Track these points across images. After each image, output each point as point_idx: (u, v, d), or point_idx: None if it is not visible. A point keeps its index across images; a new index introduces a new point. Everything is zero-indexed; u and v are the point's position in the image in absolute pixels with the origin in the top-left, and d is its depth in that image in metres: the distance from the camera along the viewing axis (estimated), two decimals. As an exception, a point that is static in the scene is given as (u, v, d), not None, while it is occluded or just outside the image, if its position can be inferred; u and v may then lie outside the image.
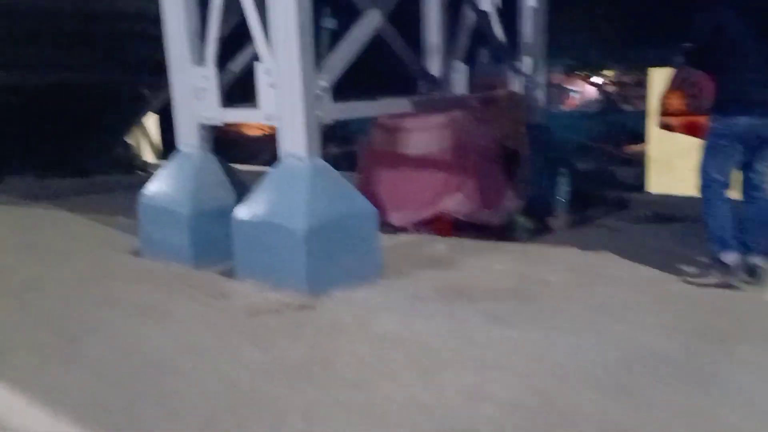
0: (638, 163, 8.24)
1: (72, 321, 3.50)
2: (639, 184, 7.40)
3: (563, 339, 3.14)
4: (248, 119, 4.35)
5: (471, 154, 5.44)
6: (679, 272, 3.99)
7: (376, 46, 5.45)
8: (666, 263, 4.23)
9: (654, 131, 5.00)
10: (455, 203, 5.40)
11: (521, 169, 5.69)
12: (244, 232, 4.04)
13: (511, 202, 5.48)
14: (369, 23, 4.55)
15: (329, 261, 3.87)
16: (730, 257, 3.70)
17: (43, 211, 6.63)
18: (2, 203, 7.05)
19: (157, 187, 4.66)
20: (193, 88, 4.54)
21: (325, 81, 4.15)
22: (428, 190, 5.55)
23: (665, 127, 4.25)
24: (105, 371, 2.93)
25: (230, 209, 4.17)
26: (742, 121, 3.62)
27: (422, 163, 5.58)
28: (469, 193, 5.43)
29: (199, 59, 4.52)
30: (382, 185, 5.72)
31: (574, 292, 3.83)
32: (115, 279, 4.18)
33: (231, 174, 4.67)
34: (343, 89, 4.31)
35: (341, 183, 4.11)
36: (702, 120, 3.87)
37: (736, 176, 3.80)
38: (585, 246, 4.88)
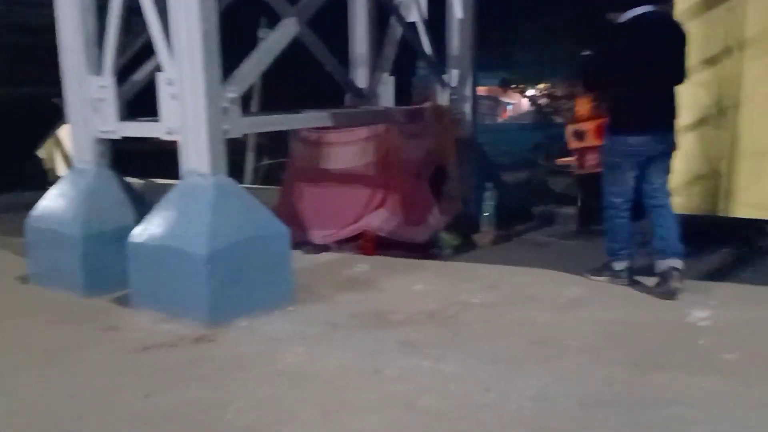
0: (569, 175, 8.23)
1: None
2: (571, 197, 7.35)
3: (480, 369, 2.93)
4: (148, 133, 4.00)
5: (395, 169, 5.23)
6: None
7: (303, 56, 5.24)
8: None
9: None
10: (379, 220, 5.19)
11: (448, 184, 5.53)
12: (140, 257, 3.69)
13: (436, 219, 5.30)
14: (285, 32, 4.30)
15: (234, 287, 3.57)
16: (619, 265, 4.07)
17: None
18: None
19: (46, 207, 4.24)
20: (90, 100, 4.17)
21: (233, 92, 3.86)
22: (351, 206, 5.33)
23: (577, 134, 4.26)
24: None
25: (128, 231, 3.81)
26: (632, 141, 3.86)
27: (345, 178, 5.35)
28: (393, 209, 5.22)
29: (97, 69, 4.14)
30: (304, 202, 5.47)
31: (495, 315, 3.65)
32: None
33: (131, 192, 4.30)
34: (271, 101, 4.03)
35: (249, 202, 3.81)
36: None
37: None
38: (509, 263, 4.74)
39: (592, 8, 4.24)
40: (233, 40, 4.15)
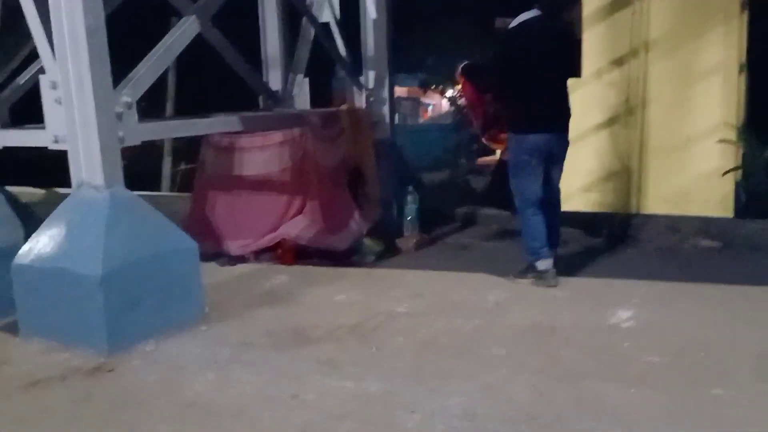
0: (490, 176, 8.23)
1: None
2: (493, 198, 7.32)
3: (404, 388, 2.75)
4: (33, 142, 3.60)
5: (313, 174, 4.99)
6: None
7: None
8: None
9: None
10: (297, 228, 4.94)
11: (367, 188, 5.34)
12: (26, 280, 3.31)
13: (357, 225, 5.09)
14: (185, 31, 3.98)
15: (135, 310, 3.25)
16: (543, 264, 4.08)
17: None
18: None
19: None
20: (-36, 106, 3.73)
21: (128, 96, 3.53)
22: (268, 214, 5.05)
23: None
24: None
25: (16, 251, 3.41)
26: (533, 138, 3.98)
27: (260, 185, 5.06)
28: (312, 216, 4.98)
29: (-30, 71, 3.71)
30: (217, 211, 5.14)
31: (420, 325, 3.49)
32: None
33: (19, 207, 3.88)
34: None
35: (151, 215, 3.49)
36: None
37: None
38: (434, 267, 4.61)
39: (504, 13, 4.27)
40: (143, 43, 3.82)
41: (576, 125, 4.31)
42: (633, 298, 3.77)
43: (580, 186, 5.70)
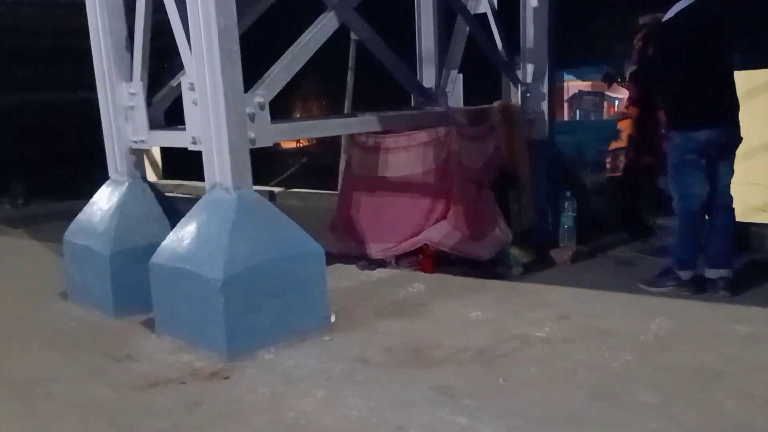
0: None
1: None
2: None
3: (526, 433, 2.36)
4: (176, 143, 3.70)
5: (456, 177, 4.67)
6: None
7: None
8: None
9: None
10: (439, 234, 4.65)
11: (518, 192, 4.90)
12: (160, 279, 3.39)
13: (503, 232, 4.69)
14: (322, 29, 3.87)
15: (256, 315, 3.18)
16: (687, 274, 3.83)
17: (4, 240, 6.17)
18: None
19: (80, 221, 4.05)
20: (122, 108, 3.93)
21: (260, 97, 3.48)
22: (410, 218, 4.82)
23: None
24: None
25: (163, 249, 3.52)
26: (702, 134, 3.68)
27: (403, 187, 4.85)
28: (455, 222, 4.67)
29: (127, 74, 3.90)
30: (361, 213, 5.02)
31: (558, 354, 3.05)
32: (18, 339, 3.54)
33: (167, 205, 4.03)
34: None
35: (277, 218, 3.42)
36: None
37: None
38: (588, 285, 4.08)
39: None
40: (280, 43, 3.80)
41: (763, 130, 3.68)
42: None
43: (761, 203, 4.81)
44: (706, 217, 3.86)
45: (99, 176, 4.19)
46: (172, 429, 2.51)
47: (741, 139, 3.79)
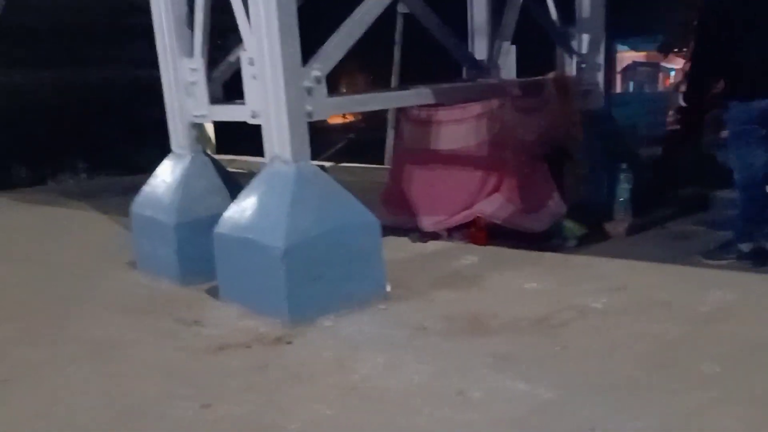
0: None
1: (13, 359, 3.06)
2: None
3: (584, 399, 2.40)
4: (235, 117, 3.79)
5: (511, 149, 4.67)
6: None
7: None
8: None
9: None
10: (492, 206, 4.66)
11: (572, 164, 4.87)
12: (223, 248, 3.52)
13: (557, 205, 4.67)
14: (377, 2, 3.88)
15: (317, 283, 3.28)
16: (747, 246, 3.78)
17: (71, 213, 6.43)
18: (37, 203, 6.93)
19: (146, 193, 4.21)
20: (183, 83, 4.05)
21: (317, 71, 3.54)
22: (463, 191, 4.84)
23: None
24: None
25: (224, 220, 3.65)
26: (763, 104, 3.60)
27: (456, 160, 4.86)
28: (508, 194, 4.67)
29: (188, 50, 4.01)
30: (413, 186, 5.06)
31: (615, 325, 3.06)
32: (90, 303, 3.74)
33: (227, 178, 4.16)
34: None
35: (334, 190, 3.50)
36: None
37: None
38: (644, 258, 4.05)
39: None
40: (333, 16, 3.84)
41: None
42: None
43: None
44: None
45: (157, 151, 4.34)
46: (244, 389, 2.63)
47: None
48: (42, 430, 2.44)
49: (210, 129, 9.85)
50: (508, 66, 5.33)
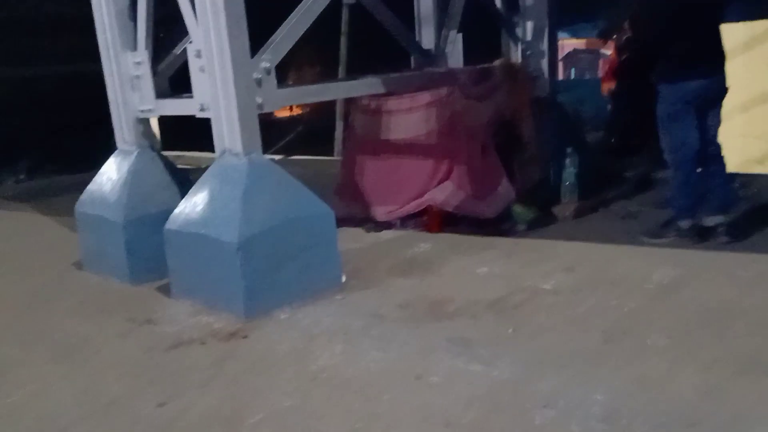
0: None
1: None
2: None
3: (540, 376, 2.47)
4: (183, 111, 3.73)
5: (461, 137, 4.72)
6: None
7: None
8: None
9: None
10: (444, 194, 4.71)
11: (522, 151, 4.96)
12: (175, 244, 3.46)
13: (507, 190, 4.76)
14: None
15: (272, 276, 3.27)
16: (686, 223, 3.94)
17: (12, 215, 6.22)
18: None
19: (91, 191, 4.11)
20: (127, 77, 3.95)
21: (267, 62, 3.51)
22: (414, 180, 4.87)
23: None
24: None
25: (172, 215, 3.58)
26: (691, 85, 3.77)
27: (407, 149, 4.89)
28: (459, 181, 4.73)
29: (132, 44, 3.91)
30: (365, 176, 5.07)
31: (568, 303, 3.15)
32: (39, 306, 3.64)
33: (176, 173, 4.08)
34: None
35: (288, 182, 3.47)
36: None
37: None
38: (593, 239, 4.17)
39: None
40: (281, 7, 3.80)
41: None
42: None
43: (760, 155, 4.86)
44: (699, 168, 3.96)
45: (103, 149, 4.23)
46: (203, 384, 2.60)
47: (727, 89, 3.85)
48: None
49: (155, 125, 9.64)
50: (455, 54, 5.37)
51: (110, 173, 4.06)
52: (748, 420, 2.07)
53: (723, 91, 3.85)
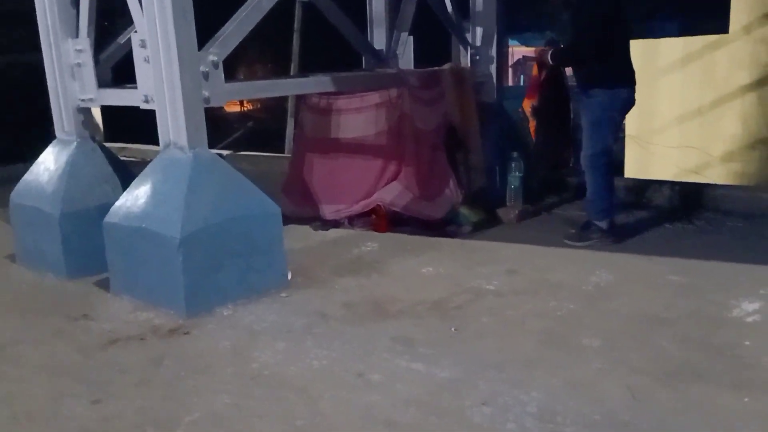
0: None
1: None
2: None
3: (479, 376, 2.51)
4: (126, 101, 3.63)
5: (409, 138, 4.75)
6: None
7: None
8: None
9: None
10: (391, 194, 4.74)
11: (468, 153, 5.03)
12: (115, 239, 3.37)
13: (454, 192, 4.82)
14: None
15: (215, 273, 3.22)
16: (606, 224, 4.17)
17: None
18: None
19: (28, 182, 3.95)
20: (68, 65, 3.83)
21: (214, 55, 3.45)
22: (363, 179, 4.89)
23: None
24: None
25: (112, 209, 3.48)
26: (625, 93, 4.04)
27: (356, 149, 4.90)
28: (407, 182, 4.76)
29: (73, 31, 3.79)
30: (314, 175, 5.06)
31: (508, 305, 3.21)
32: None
33: (117, 165, 3.97)
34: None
35: (234, 178, 3.43)
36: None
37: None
38: (535, 242, 4.26)
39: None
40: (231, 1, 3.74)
41: (717, 86, 3.86)
42: (762, 289, 3.25)
43: (720, 154, 5.08)
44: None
45: (41, 140, 4.09)
46: (139, 383, 2.54)
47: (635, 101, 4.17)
48: None
49: (98, 116, 9.36)
50: (405, 56, 5.41)
51: (48, 163, 3.92)
52: (673, 427, 2.15)
53: (634, 102, 4.15)
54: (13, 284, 3.72)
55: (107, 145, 4.20)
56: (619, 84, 4.02)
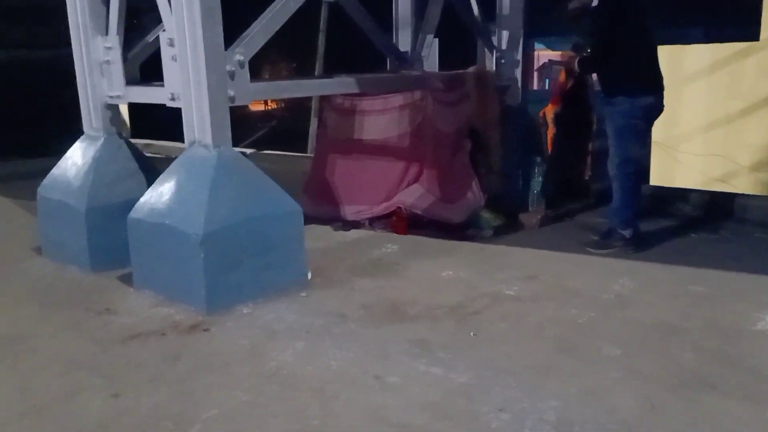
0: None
1: None
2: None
3: (496, 382, 2.50)
4: (153, 99, 3.68)
5: (431, 141, 4.76)
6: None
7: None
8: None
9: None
10: (412, 197, 4.75)
11: (490, 157, 5.01)
12: (139, 234, 3.42)
13: (475, 196, 4.81)
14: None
15: (236, 271, 3.24)
16: (630, 232, 4.15)
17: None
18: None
19: (55, 176, 4.03)
20: (97, 62, 3.89)
21: (240, 55, 3.48)
22: (384, 181, 4.91)
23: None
24: None
25: (137, 204, 3.53)
26: (649, 100, 4.00)
27: (378, 150, 4.92)
28: (428, 185, 4.77)
29: (103, 28, 3.85)
30: (336, 175, 5.09)
31: (527, 311, 3.19)
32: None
33: (143, 161, 4.03)
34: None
35: (257, 177, 3.46)
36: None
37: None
38: (556, 248, 4.23)
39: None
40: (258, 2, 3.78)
41: (744, 94, 3.81)
42: (788, 303, 3.20)
43: (747, 163, 5.01)
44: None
45: (68, 135, 4.16)
46: (156, 379, 2.57)
47: (663, 107, 4.14)
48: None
49: (125, 112, 9.50)
50: (430, 59, 5.42)
51: (75, 158, 3.99)
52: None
53: (662, 109, 4.11)
54: (37, 276, 3.79)
55: (133, 141, 4.26)
56: (642, 91, 3.99)
